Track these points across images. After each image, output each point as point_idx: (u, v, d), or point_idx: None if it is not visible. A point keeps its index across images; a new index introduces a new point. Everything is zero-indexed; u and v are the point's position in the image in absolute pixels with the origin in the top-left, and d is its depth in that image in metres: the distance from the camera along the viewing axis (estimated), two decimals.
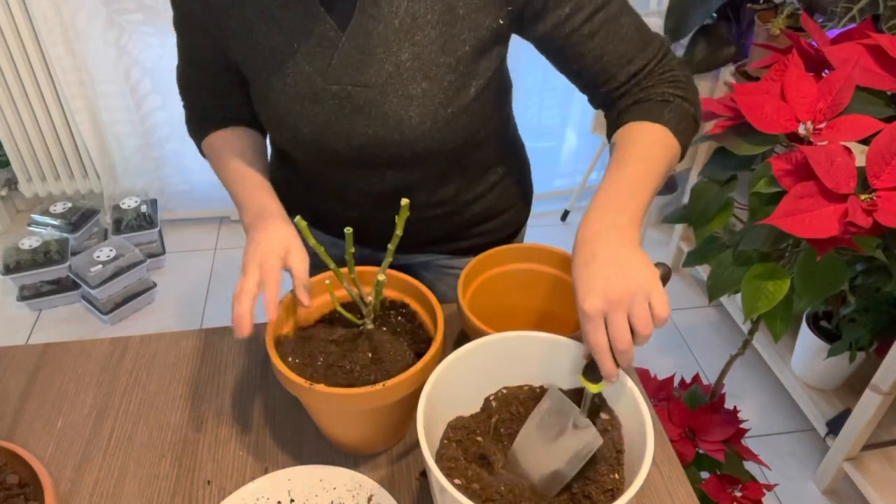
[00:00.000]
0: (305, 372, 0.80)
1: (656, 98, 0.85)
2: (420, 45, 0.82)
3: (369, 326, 0.84)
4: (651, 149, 0.81)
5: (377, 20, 0.80)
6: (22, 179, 2.61)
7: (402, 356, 0.82)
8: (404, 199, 0.74)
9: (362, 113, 0.85)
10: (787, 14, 1.71)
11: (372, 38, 0.81)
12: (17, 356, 1.02)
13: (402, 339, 0.85)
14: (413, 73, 0.83)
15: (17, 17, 2.21)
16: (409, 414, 0.86)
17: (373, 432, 0.84)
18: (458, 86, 0.85)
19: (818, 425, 1.82)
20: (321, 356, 0.82)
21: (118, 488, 0.84)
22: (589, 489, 0.70)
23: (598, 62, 0.85)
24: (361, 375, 0.80)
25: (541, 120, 2.69)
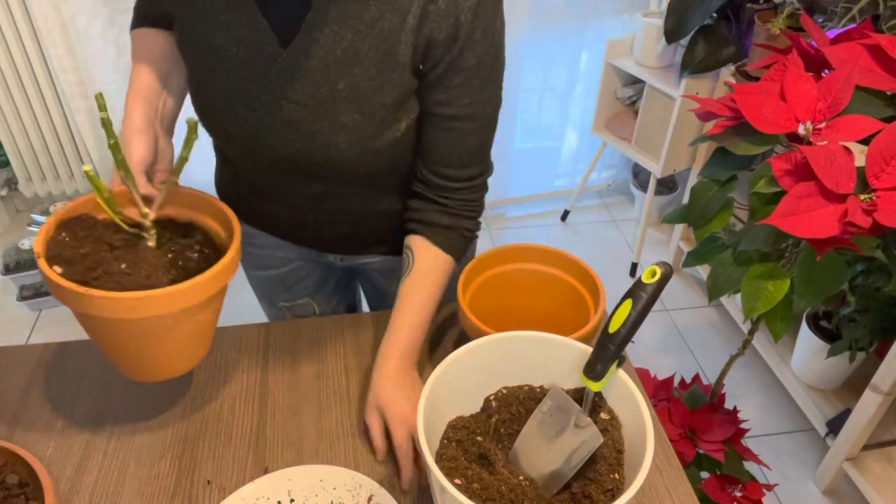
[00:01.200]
0: (62, 252, 0.78)
1: (457, 228, 0.96)
2: (358, 78, 0.82)
3: (149, 243, 0.82)
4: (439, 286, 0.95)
5: (320, 45, 0.80)
6: (22, 179, 2.60)
7: (153, 284, 0.77)
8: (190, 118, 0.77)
9: (291, 128, 0.85)
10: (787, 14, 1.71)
11: (312, 61, 0.81)
12: (17, 356, 1.02)
13: (174, 272, 0.80)
14: (347, 103, 0.83)
15: (17, 17, 2.21)
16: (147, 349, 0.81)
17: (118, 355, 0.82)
18: (389, 122, 0.86)
19: (818, 425, 1.82)
20: (88, 246, 0.80)
21: (118, 488, 0.84)
22: (589, 489, 0.70)
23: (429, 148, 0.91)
24: (99, 279, 0.76)
25: (541, 120, 2.70)
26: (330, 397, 0.96)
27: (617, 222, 2.82)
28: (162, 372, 0.86)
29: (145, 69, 0.91)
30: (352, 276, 1.27)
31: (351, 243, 1.10)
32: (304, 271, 1.19)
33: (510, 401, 0.78)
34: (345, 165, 0.88)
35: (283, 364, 1.01)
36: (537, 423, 0.74)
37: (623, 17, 2.47)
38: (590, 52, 2.54)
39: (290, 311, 1.23)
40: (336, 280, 1.24)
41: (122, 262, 0.79)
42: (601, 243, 2.70)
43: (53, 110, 2.44)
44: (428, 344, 1.04)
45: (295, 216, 1.04)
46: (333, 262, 1.16)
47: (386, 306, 1.20)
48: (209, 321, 0.85)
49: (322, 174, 0.92)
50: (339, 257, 1.14)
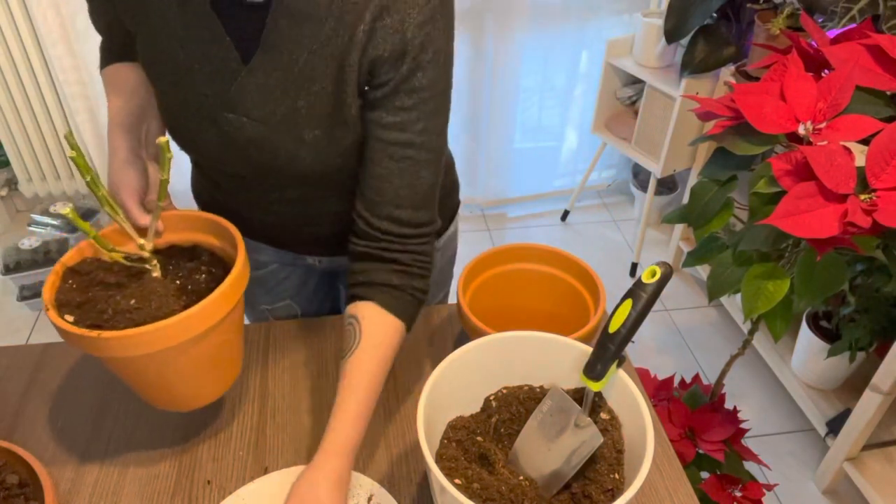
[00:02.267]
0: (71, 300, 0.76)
1: (407, 289, 0.86)
2: (316, 95, 0.81)
3: (154, 274, 0.80)
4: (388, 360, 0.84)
5: (278, 62, 0.80)
6: (22, 179, 2.60)
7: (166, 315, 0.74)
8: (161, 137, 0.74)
9: (254, 144, 0.85)
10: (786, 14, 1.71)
11: (271, 79, 0.81)
12: (17, 356, 1.02)
13: (185, 299, 0.79)
14: (307, 120, 0.83)
15: (17, 17, 2.21)
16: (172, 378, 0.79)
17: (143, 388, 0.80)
18: (351, 139, 0.85)
19: (818, 425, 1.82)
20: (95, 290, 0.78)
21: (118, 488, 0.84)
22: (589, 489, 0.70)
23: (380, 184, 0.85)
24: (111, 320, 0.75)
25: (541, 120, 2.70)
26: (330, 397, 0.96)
27: (617, 222, 2.82)
28: (195, 400, 0.84)
29: (121, 101, 0.92)
30: (332, 278, 1.27)
31: (329, 244, 1.09)
32: (283, 273, 1.18)
33: (510, 401, 0.78)
34: (311, 175, 0.88)
35: (283, 364, 1.01)
36: (537, 423, 0.74)
37: (623, 17, 2.47)
38: (590, 52, 2.54)
39: (271, 313, 1.23)
40: (316, 282, 1.24)
41: (130, 299, 0.77)
42: (601, 243, 2.70)
43: (53, 110, 2.44)
44: (428, 344, 1.04)
45: (271, 220, 1.04)
46: (313, 265, 1.16)
47: None
48: (231, 340, 0.83)
49: (291, 182, 0.92)
50: (318, 259, 1.14)
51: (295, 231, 1.06)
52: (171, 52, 0.83)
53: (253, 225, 1.06)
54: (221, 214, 1.06)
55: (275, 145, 0.85)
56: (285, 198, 0.97)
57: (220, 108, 0.84)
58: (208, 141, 0.87)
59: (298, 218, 1.02)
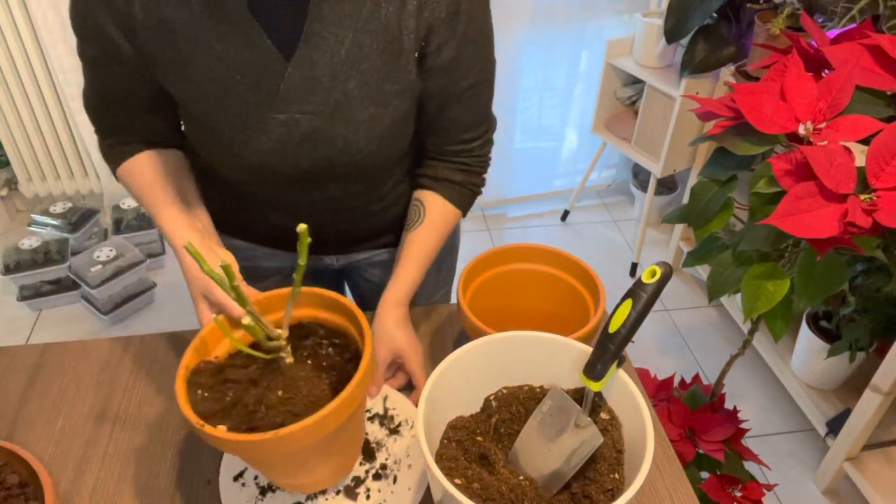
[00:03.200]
0: (210, 409, 0.73)
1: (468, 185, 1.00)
2: (367, 73, 0.82)
3: (287, 360, 0.77)
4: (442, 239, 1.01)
5: (322, 50, 0.80)
6: (22, 179, 2.61)
7: (319, 396, 0.74)
8: (301, 225, 0.71)
9: (310, 139, 0.85)
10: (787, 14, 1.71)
11: (318, 68, 0.81)
12: (17, 356, 1.02)
13: (326, 376, 0.77)
14: (360, 99, 0.83)
15: (17, 17, 2.21)
16: (335, 453, 0.78)
17: (290, 473, 0.77)
18: (404, 109, 0.87)
19: (818, 425, 1.81)
20: (231, 392, 0.75)
21: (118, 488, 0.85)
22: (589, 489, 0.70)
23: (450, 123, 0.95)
24: (266, 417, 0.72)
25: (541, 120, 2.70)
26: None
27: (617, 222, 2.82)
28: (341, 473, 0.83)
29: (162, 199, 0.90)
30: (341, 277, 1.27)
31: (349, 241, 1.10)
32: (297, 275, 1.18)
33: (510, 401, 0.78)
34: (365, 161, 0.89)
35: None
36: (537, 422, 0.74)
37: (623, 17, 2.47)
38: (590, 52, 2.54)
39: None
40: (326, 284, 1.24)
41: (276, 391, 0.74)
42: (601, 243, 2.70)
43: (53, 110, 2.44)
44: (428, 344, 1.04)
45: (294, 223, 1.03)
46: (330, 264, 1.16)
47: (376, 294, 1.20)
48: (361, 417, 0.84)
49: (339, 175, 0.92)
50: (336, 258, 1.14)
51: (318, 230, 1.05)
52: (207, 71, 0.80)
53: (270, 230, 1.06)
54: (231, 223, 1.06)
55: (330, 135, 0.85)
56: (322, 197, 0.97)
57: (268, 112, 0.82)
58: (257, 150, 0.85)
59: (325, 216, 1.02)
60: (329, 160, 0.88)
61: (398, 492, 0.82)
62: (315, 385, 0.75)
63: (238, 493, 0.82)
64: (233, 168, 0.90)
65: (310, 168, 0.89)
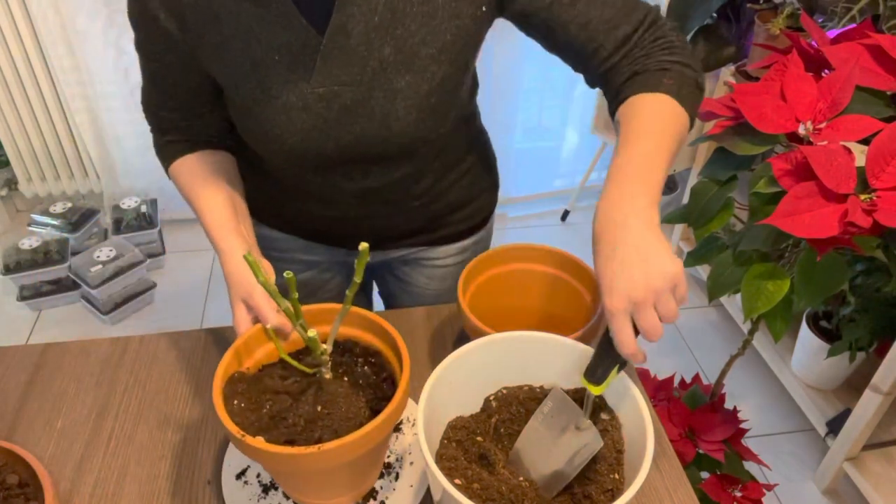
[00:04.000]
0: (247, 419, 0.74)
1: (653, 68, 0.81)
2: (401, 38, 0.82)
3: (326, 375, 0.78)
4: (658, 121, 0.77)
5: (356, 19, 0.80)
6: (22, 179, 2.61)
7: (356, 414, 0.75)
8: (363, 243, 0.70)
9: (349, 112, 0.85)
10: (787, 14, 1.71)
11: (352, 37, 0.81)
12: (17, 356, 1.02)
13: (362, 394, 0.78)
14: (397, 66, 0.83)
15: (17, 17, 2.21)
16: (362, 472, 0.78)
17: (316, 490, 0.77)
18: (442, 76, 0.85)
19: (818, 425, 1.81)
20: (268, 403, 0.76)
21: (118, 488, 0.84)
22: (589, 489, 0.70)
23: (583, 30, 0.82)
24: (304, 431, 0.73)
25: (541, 120, 2.70)
26: None
27: None
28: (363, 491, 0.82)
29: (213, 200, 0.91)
30: (370, 275, 1.28)
31: (387, 237, 1.10)
32: (328, 273, 1.19)
33: (510, 401, 0.78)
34: (404, 136, 0.87)
35: None
36: (538, 423, 0.74)
37: None
38: None
39: None
40: None
41: (316, 406, 0.75)
42: None
43: (53, 110, 2.44)
44: (428, 344, 1.04)
45: (333, 214, 1.04)
46: None
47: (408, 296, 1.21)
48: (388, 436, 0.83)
49: (380, 157, 0.91)
50: (372, 253, 1.14)
51: (356, 224, 1.06)
52: (248, 52, 0.82)
53: (309, 221, 1.07)
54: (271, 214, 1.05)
55: (369, 106, 0.84)
56: (366, 185, 0.96)
57: (307, 88, 0.83)
58: (300, 131, 0.86)
59: (364, 209, 1.02)
60: (368, 135, 0.87)
61: (400, 489, 0.83)
62: (353, 402, 0.76)
63: (240, 491, 0.82)
64: (277, 153, 0.90)
65: (350, 144, 0.88)
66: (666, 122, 0.77)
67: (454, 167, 1.05)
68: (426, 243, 1.14)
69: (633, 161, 0.73)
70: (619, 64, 0.83)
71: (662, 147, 0.75)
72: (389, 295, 1.28)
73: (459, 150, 1.05)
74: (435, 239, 1.13)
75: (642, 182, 0.71)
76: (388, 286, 1.26)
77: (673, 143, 0.76)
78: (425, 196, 1.04)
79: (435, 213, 1.09)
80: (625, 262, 0.65)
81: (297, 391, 0.77)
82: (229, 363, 0.77)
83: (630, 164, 0.72)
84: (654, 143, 0.74)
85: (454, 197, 1.09)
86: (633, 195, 0.70)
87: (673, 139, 0.76)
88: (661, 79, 0.80)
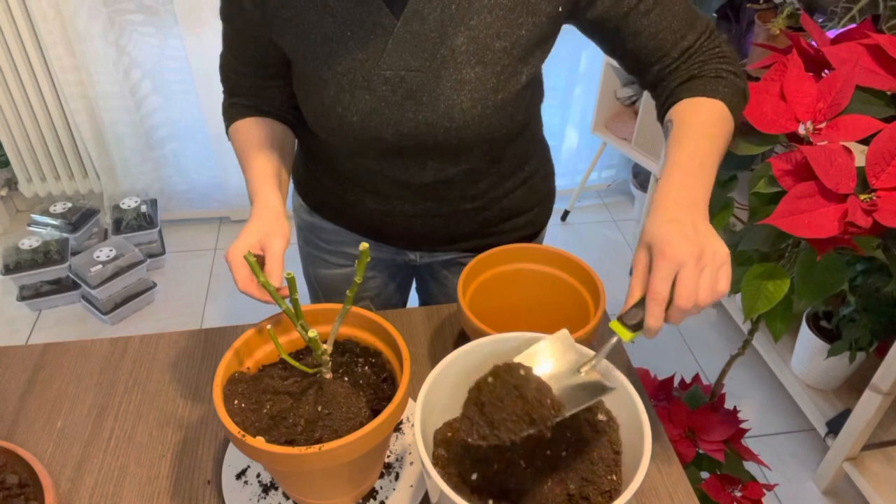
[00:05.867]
0: (247, 419, 0.74)
1: (710, 74, 0.86)
2: (476, 29, 0.81)
3: (326, 376, 0.78)
4: (713, 125, 0.82)
5: (434, 5, 0.80)
6: (22, 179, 2.61)
7: (356, 414, 0.75)
8: (363, 243, 0.71)
9: (413, 98, 0.85)
10: (787, 14, 1.71)
11: (427, 23, 0.81)
12: (17, 356, 1.02)
13: (362, 394, 0.78)
14: (468, 57, 0.82)
15: (17, 17, 2.21)
16: (362, 472, 0.78)
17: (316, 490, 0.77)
18: (511, 72, 0.85)
19: (818, 425, 1.81)
20: (269, 403, 0.76)
21: (118, 488, 0.85)
22: (587, 490, 0.70)
23: (653, 39, 0.87)
24: (305, 431, 0.73)
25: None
26: None
27: (617, 222, 2.82)
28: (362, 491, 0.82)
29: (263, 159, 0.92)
30: (413, 274, 1.27)
31: (438, 240, 1.10)
32: (372, 272, 1.19)
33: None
34: (466, 130, 0.87)
35: None
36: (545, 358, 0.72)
37: None
38: (589, 53, 2.53)
39: None
40: (401, 279, 1.24)
41: (316, 406, 0.75)
42: (601, 243, 2.70)
43: (53, 110, 2.44)
44: (428, 344, 1.04)
45: (386, 209, 1.03)
46: (412, 260, 1.16)
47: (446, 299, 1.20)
48: None
49: (439, 149, 0.90)
50: (420, 254, 1.14)
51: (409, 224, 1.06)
52: (320, 26, 0.83)
53: (365, 215, 1.06)
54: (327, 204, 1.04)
55: (434, 94, 0.84)
56: (421, 179, 0.96)
57: (374, 69, 0.83)
58: (361, 112, 0.86)
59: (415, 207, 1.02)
60: (430, 124, 0.86)
61: (400, 489, 0.83)
62: (353, 402, 0.76)
63: (241, 490, 0.82)
64: (335, 132, 0.90)
65: (410, 133, 0.87)
66: (719, 127, 0.83)
67: (512, 175, 1.04)
68: (475, 249, 1.10)
69: (690, 160, 0.78)
70: (678, 68, 0.88)
71: (714, 149, 0.81)
72: (429, 297, 1.28)
73: (520, 159, 1.04)
74: (484, 246, 1.11)
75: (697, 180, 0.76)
76: (427, 287, 1.26)
77: (723, 145, 0.83)
78: (480, 200, 1.04)
79: (488, 220, 1.08)
80: (684, 228, 0.69)
81: (298, 391, 0.78)
82: (229, 363, 0.78)
83: (687, 163, 0.77)
84: (706, 146, 0.80)
85: (509, 205, 1.07)
86: (689, 189, 0.75)
87: (723, 142, 0.83)
88: (717, 86, 0.85)
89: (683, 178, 0.76)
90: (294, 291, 0.72)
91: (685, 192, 0.74)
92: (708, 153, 0.79)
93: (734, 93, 0.86)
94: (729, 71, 0.87)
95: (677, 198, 0.73)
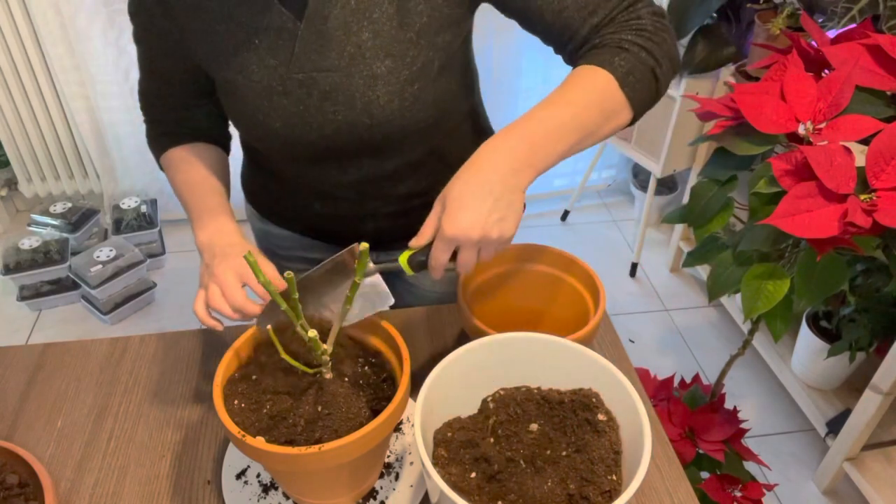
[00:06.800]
0: (247, 419, 0.74)
1: (611, 44, 0.79)
2: (378, 22, 0.82)
3: (326, 376, 0.78)
4: (585, 95, 0.76)
5: (332, 3, 0.81)
6: (22, 179, 2.61)
7: (357, 414, 0.75)
8: (363, 243, 0.71)
9: (330, 99, 0.85)
10: (787, 14, 1.71)
11: (330, 22, 0.81)
12: (17, 356, 1.02)
13: (363, 394, 0.77)
14: (375, 51, 0.83)
15: (17, 17, 2.21)
16: (362, 472, 0.78)
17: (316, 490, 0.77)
18: (422, 60, 0.85)
19: (818, 425, 1.81)
20: (268, 403, 0.76)
21: (118, 488, 0.85)
22: (587, 490, 0.70)
23: (558, 18, 0.81)
24: (305, 431, 0.73)
25: None
26: None
27: (617, 222, 2.81)
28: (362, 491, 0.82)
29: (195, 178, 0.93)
30: None
31: (390, 237, 1.09)
32: None
33: (507, 402, 0.78)
34: (388, 125, 0.87)
35: None
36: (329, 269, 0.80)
37: None
38: None
39: None
40: None
41: (316, 406, 0.75)
42: (601, 243, 2.70)
43: (53, 110, 2.44)
44: (428, 344, 1.04)
45: (333, 211, 1.04)
46: None
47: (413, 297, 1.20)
48: None
49: (367, 147, 0.91)
50: (378, 255, 1.14)
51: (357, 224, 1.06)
52: (229, 36, 0.84)
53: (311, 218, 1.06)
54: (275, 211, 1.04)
55: (349, 92, 0.84)
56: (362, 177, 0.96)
57: (287, 73, 0.84)
58: (282, 117, 0.86)
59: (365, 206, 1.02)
60: (351, 124, 0.87)
61: (400, 489, 0.83)
62: (353, 403, 0.76)
63: (241, 490, 0.82)
64: (263, 139, 0.91)
65: (334, 134, 0.88)
66: (592, 97, 0.77)
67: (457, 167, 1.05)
68: None
69: (542, 122, 0.75)
70: (588, 39, 0.83)
71: (577, 119, 0.75)
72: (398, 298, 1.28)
73: (462, 151, 1.04)
74: None
75: (539, 141, 0.74)
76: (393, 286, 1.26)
77: (591, 120, 0.76)
78: (426, 196, 1.04)
79: None
80: (477, 195, 0.71)
81: (298, 391, 0.78)
82: (229, 363, 0.78)
83: (537, 123, 0.74)
84: (569, 113, 0.75)
85: None
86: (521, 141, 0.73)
87: (593, 116, 0.76)
88: (613, 57, 0.78)
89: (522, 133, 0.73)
90: (294, 292, 0.72)
91: (515, 143, 0.73)
92: (564, 123, 0.74)
93: (632, 68, 0.78)
94: (636, 43, 0.78)
95: (499, 145, 0.73)
